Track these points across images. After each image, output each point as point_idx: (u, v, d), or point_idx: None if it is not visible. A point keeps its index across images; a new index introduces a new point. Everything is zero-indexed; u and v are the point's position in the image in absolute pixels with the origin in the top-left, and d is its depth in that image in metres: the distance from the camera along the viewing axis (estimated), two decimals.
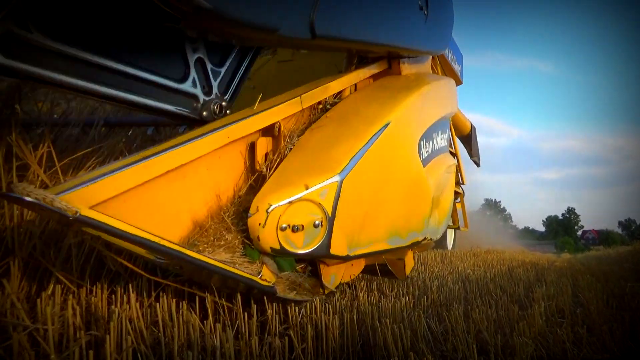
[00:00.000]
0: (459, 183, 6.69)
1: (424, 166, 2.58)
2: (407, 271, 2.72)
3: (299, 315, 1.82)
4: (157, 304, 1.64)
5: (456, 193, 6.68)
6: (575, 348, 1.81)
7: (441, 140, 3.04)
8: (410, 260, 2.76)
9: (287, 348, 1.52)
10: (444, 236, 8.40)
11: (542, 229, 71.96)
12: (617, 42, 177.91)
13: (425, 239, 2.56)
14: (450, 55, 6.11)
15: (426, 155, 2.66)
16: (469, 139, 8.67)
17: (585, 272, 4.99)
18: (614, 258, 8.78)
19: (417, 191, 2.50)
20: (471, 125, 8.58)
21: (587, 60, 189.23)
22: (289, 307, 1.83)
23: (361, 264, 2.49)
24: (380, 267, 2.67)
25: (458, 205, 7.22)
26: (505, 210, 68.89)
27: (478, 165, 9.26)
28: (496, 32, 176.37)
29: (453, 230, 8.56)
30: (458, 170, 6.54)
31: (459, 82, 6.89)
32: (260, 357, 1.41)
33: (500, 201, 69.43)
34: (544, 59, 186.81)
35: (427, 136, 2.71)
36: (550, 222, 70.60)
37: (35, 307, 1.50)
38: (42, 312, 1.42)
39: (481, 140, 9.06)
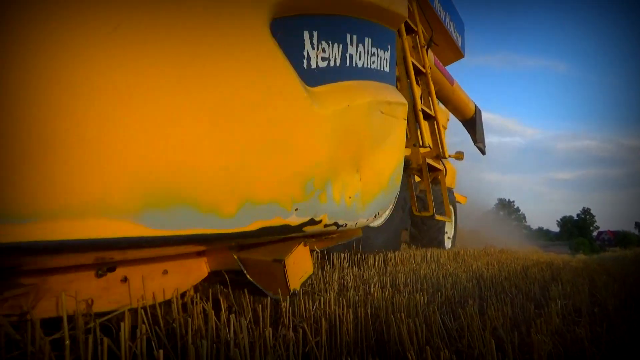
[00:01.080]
0: (439, 157, 5.15)
1: (311, 84, 1.49)
2: (294, 283, 1.61)
3: (313, 308, 1.81)
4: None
5: (434, 169, 5.08)
6: (593, 347, 1.77)
7: (370, 56, 1.89)
8: (303, 261, 1.68)
9: (301, 341, 1.51)
10: (440, 232, 6.71)
11: (556, 229, 71.21)
12: (632, 42, 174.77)
13: (314, 221, 1.45)
14: (447, 20, 5.25)
15: (322, 64, 1.56)
16: (472, 123, 7.92)
17: (601, 273, 4.91)
18: (631, 259, 8.63)
19: (276, 118, 1.30)
20: (475, 107, 7.85)
21: (601, 60, 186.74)
22: (302, 300, 1.82)
23: (192, 270, 1.48)
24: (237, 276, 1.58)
25: (457, 196, 5.94)
26: (519, 210, 68.33)
27: (483, 152, 8.49)
28: (511, 33, 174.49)
29: (453, 225, 7.23)
30: (439, 138, 4.95)
31: (459, 55, 6.25)
32: (274, 349, 1.40)
33: (514, 201, 68.91)
34: (559, 59, 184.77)
35: (324, 30, 1.57)
36: (565, 222, 69.76)
37: None
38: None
39: (495, 139, 8.76)
